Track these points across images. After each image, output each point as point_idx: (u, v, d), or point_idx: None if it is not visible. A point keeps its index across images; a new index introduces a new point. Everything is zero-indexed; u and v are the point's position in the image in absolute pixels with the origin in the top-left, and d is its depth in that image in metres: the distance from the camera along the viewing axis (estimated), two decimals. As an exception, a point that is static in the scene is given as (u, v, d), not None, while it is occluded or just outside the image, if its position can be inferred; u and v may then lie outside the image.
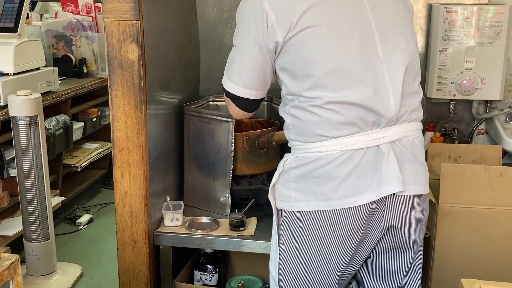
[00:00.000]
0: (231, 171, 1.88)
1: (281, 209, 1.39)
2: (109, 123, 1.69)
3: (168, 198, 1.85)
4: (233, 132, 1.85)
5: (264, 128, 1.98)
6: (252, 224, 1.85)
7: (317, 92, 1.25)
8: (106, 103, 3.54)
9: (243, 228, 1.79)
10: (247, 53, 1.31)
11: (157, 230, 1.80)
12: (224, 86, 1.40)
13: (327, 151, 1.28)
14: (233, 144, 1.87)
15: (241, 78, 1.34)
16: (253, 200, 1.97)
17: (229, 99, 1.42)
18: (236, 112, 1.44)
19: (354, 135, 1.27)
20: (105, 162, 3.85)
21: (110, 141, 1.70)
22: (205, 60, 2.33)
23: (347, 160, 1.27)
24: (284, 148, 1.53)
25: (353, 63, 1.26)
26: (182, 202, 1.88)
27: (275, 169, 1.42)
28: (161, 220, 1.85)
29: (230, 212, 1.87)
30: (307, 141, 1.31)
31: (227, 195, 1.91)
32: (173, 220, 1.82)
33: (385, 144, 1.29)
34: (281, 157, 1.43)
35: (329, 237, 1.30)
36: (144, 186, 1.70)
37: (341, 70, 1.25)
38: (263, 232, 1.78)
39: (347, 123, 1.27)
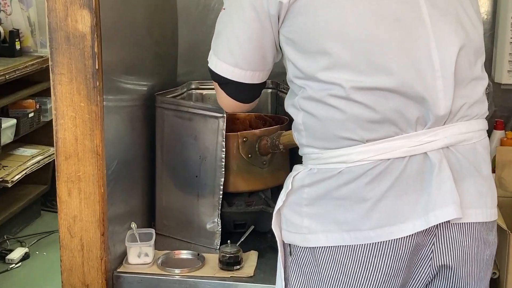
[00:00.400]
0: (222, 187, 1.88)
1: (289, 244, 1.39)
2: (52, 120, 1.69)
3: (133, 225, 1.85)
4: (225, 132, 1.85)
5: (268, 127, 1.97)
6: (250, 260, 1.84)
7: (337, 74, 1.25)
8: (47, 92, 3.53)
9: (238, 267, 1.79)
10: (239, 20, 1.32)
11: (118, 270, 1.80)
12: (209, 65, 1.41)
13: (354, 162, 1.28)
14: (224, 149, 1.86)
15: (232, 54, 1.34)
16: (253, 227, 1.97)
17: (217, 84, 1.43)
18: (227, 102, 1.44)
19: (392, 139, 1.27)
20: (47, 175, 3.85)
21: (53, 145, 1.70)
22: (185, 34, 2.34)
23: (383, 174, 1.27)
24: (295, 154, 1.51)
25: (388, 31, 1.25)
26: (153, 231, 1.88)
27: (283, 184, 1.42)
28: (124, 255, 1.85)
29: (221, 244, 1.87)
30: (326, 147, 1.31)
31: (216, 220, 1.91)
32: (141, 256, 1.82)
33: (435, 151, 1.29)
34: (292, 166, 1.43)
35: (356, 283, 1.29)
36: (99, 208, 1.70)
37: (370, 40, 1.24)
38: (267, 273, 1.77)
39: (382, 120, 1.26)
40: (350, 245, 1.28)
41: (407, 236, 1.27)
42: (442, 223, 1.28)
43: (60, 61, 1.63)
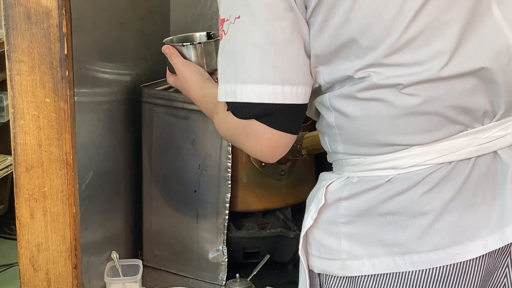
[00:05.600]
0: (228, 205, 1.90)
1: (319, 274, 1.39)
2: (8, 121, 1.70)
3: (114, 255, 1.86)
4: None
5: (286, 127, 1.99)
6: None
7: (389, 68, 1.25)
8: (2, 86, 3.53)
9: None
10: (267, 20, 1.27)
11: None
12: (233, 99, 1.31)
13: (407, 167, 1.28)
14: (230, 156, 1.88)
15: (274, 69, 1.29)
16: (268, 256, 1.97)
17: (245, 123, 1.34)
18: (271, 141, 1.31)
19: (455, 137, 1.28)
20: (3, 193, 3.86)
21: (10, 154, 1.70)
22: (179, 7, 2.34)
23: (444, 181, 1.27)
24: (323, 161, 1.51)
25: (451, 6, 1.25)
26: (140, 262, 1.89)
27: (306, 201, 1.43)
28: None
29: (227, 279, 1.88)
30: (369, 153, 1.31)
31: (221, 248, 1.92)
32: None
33: (507, 149, 1.30)
34: (318, 177, 1.42)
35: None
36: (70, 233, 1.69)
37: (433, 19, 1.25)
38: (286, 314, 1.81)
39: (443, 114, 1.27)
40: (404, 272, 1.28)
41: (476, 258, 1.27)
42: None
43: (19, 45, 1.63)
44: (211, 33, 1.77)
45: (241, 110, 1.31)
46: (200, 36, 1.77)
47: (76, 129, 1.68)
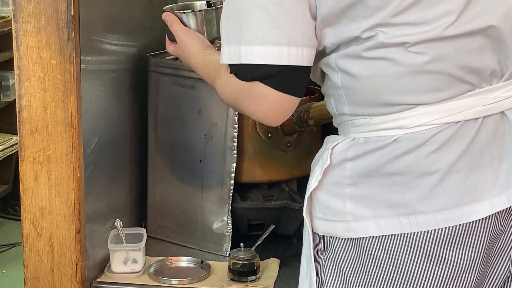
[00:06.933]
0: (233, 176, 1.89)
1: (323, 237, 1.39)
2: (14, 101, 1.70)
3: (118, 223, 1.84)
4: None
5: (293, 98, 1.98)
6: (270, 270, 1.85)
7: (396, 28, 1.25)
8: (9, 65, 3.53)
9: (254, 277, 1.80)
10: None
11: (98, 280, 1.81)
12: (237, 61, 1.31)
13: (414, 127, 1.28)
14: (236, 126, 1.87)
15: (279, 30, 1.28)
16: (273, 227, 1.96)
17: (249, 85, 1.32)
18: (275, 103, 1.31)
19: (462, 96, 1.27)
20: (7, 172, 3.88)
21: (16, 134, 1.71)
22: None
23: (451, 141, 1.27)
24: (330, 132, 1.47)
25: None
26: (144, 231, 1.88)
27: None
28: (106, 261, 1.86)
29: (231, 249, 1.88)
30: (375, 113, 1.31)
31: (225, 218, 1.91)
32: (128, 263, 1.82)
33: None
34: None
35: (418, 283, 1.29)
36: (74, 198, 1.70)
37: None
38: (291, 286, 1.77)
39: (450, 73, 1.27)
40: (409, 233, 1.28)
41: (483, 219, 1.27)
42: None
43: (25, 6, 1.63)
44: (210, 2, 1.76)
45: (245, 72, 1.31)
46: (200, 4, 1.77)
47: (82, 93, 1.68)
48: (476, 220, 1.27)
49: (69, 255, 1.72)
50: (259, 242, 1.91)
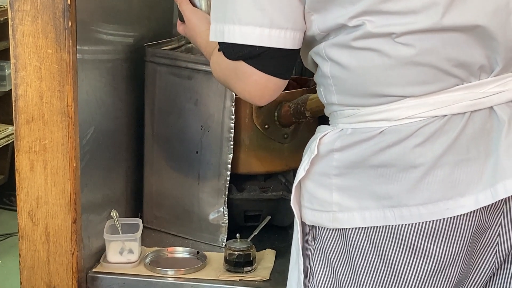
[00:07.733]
0: (230, 167, 1.89)
1: (312, 226, 1.39)
2: (11, 91, 1.69)
3: (114, 214, 1.85)
4: (234, 94, 1.86)
5: (290, 90, 1.96)
6: (266, 261, 1.85)
7: (383, 17, 1.24)
8: (5, 55, 3.53)
9: (249, 268, 1.80)
10: None
11: (94, 270, 1.81)
12: (222, 39, 1.33)
13: (400, 119, 1.28)
14: (233, 117, 1.87)
15: (263, 11, 1.29)
16: (269, 218, 1.97)
17: (234, 64, 1.35)
18: (260, 84, 1.34)
19: (450, 90, 1.27)
20: (3, 163, 3.90)
21: (12, 124, 1.70)
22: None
23: (437, 135, 1.27)
24: (326, 123, 1.47)
25: None
26: (140, 222, 1.88)
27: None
28: (101, 251, 1.86)
29: (227, 240, 1.88)
30: (362, 104, 1.31)
31: (221, 209, 1.92)
32: (124, 253, 1.83)
33: (503, 105, 1.29)
34: None
35: (401, 275, 1.29)
36: (70, 187, 1.70)
37: None
38: (287, 276, 1.72)
39: (438, 66, 1.27)
40: (393, 226, 1.28)
41: (468, 214, 1.27)
42: None
43: None
44: None
45: (230, 50, 1.34)
46: None
47: (78, 83, 1.68)
48: (460, 215, 1.27)
49: (65, 245, 1.72)
50: (255, 233, 1.92)
